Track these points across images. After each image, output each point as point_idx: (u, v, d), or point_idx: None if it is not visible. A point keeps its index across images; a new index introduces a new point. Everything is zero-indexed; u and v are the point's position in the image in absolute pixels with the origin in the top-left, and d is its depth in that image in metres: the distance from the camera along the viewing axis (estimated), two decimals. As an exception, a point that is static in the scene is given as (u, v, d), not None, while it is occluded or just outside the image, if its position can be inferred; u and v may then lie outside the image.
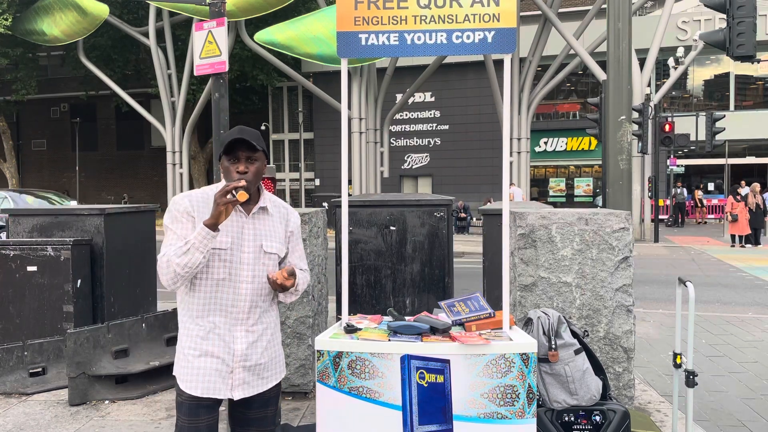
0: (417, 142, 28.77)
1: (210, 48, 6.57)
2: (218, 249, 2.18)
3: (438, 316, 2.73)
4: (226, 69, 6.56)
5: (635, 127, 16.19)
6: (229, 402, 2.31)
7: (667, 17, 18.85)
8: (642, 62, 18.59)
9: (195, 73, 6.84)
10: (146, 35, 24.20)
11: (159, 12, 23.86)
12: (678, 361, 3.53)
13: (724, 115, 18.71)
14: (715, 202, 26.44)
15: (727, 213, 16.93)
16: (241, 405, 2.29)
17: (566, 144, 27.88)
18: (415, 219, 4.47)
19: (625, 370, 3.79)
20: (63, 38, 23.72)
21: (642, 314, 7.48)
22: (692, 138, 19.85)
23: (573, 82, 28.26)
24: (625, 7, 11.35)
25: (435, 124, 28.50)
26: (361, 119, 22.67)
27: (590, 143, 26.81)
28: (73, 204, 27.32)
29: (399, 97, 24.93)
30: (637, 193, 18.35)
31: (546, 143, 28.12)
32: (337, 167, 26.54)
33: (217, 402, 2.26)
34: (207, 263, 2.18)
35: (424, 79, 22.76)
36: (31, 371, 4.63)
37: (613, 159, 11.32)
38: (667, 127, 18.06)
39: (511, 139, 14.35)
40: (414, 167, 28.88)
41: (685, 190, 25.46)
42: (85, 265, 5.14)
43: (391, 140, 27.54)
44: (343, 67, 2.83)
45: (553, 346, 2.97)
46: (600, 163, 19.47)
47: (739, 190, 17.89)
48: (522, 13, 23.95)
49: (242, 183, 2.12)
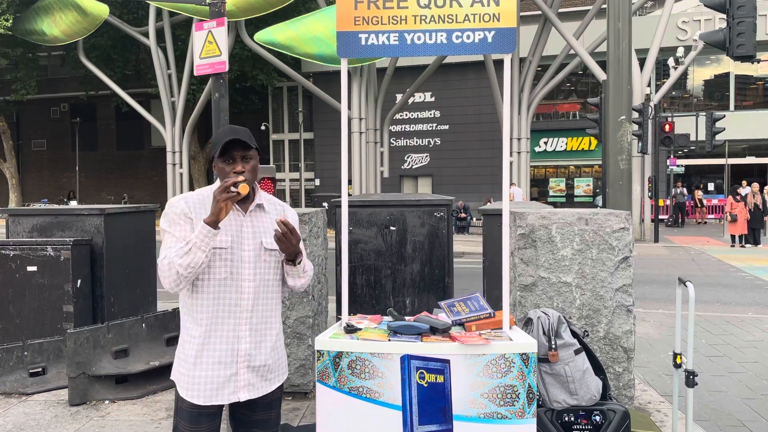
0: (417, 142, 28.77)
1: (210, 48, 6.57)
2: (219, 248, 2.17)
3: (438, 316, 2.73)
4: (226, 69, 6.56)
5: (635, 127, 16.19)
6: (232, 403, 2.28)
7: (667, 17, 18.86)
8: (642, 62, 18.59)
9: (195, 73, 6.84)
10: (146, 35, 24.20)
11: (159, 12, 23.86)
12: (678, 361, 3.53)
13: (724, 115, 18.72)
14: (715, 202, 26.45)
15: (726, 213, 16.93)
16: (245, 407, 2.27)
17: (566, 144, 27.88)
18: (415, 219, 4.47)
19: (625, 370, 3.79)
20: (63, 38, 23.73)
21: (642, 314, 7.48)
22: (692, 138, 19.85)
23: (573, 82, 28.27)
24: (625, 7, 11.34)
25: (435, 124, 28.50)
26: (361, 119, 22.67)
27: (590, 143, 26.82)
28: (74, 204, 27.25)
29: (399, 97, 24.94)
30: (637, 193, 18.35)
31: (546, 143, 28.12)
32: (337, 167, 26.53)
33: (219, 408, 2.23)
34: (208, 264, 2.16)
35: (424, 79, 22.77)
36: (31, 371, 4.63)
37: (613, 159, 11.31)
38: (667, 127, 18.07)
39: (511, 139, 14.35)
40: (414, 167, 28.88)
41: (685, 189, 25.47)
42: (85, 265, 5.14)
43: (391, 140, 27.54)
44: (343, 67, 2.83)
45: (553, 346, 2.97)
46: (600, 163, 19.48)
47: (739, 190, 17.89)
48: (522, 13, 23.95)
49: (241, 177, 2.11)
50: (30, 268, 4.98)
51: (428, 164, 28.65)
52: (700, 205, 25.85)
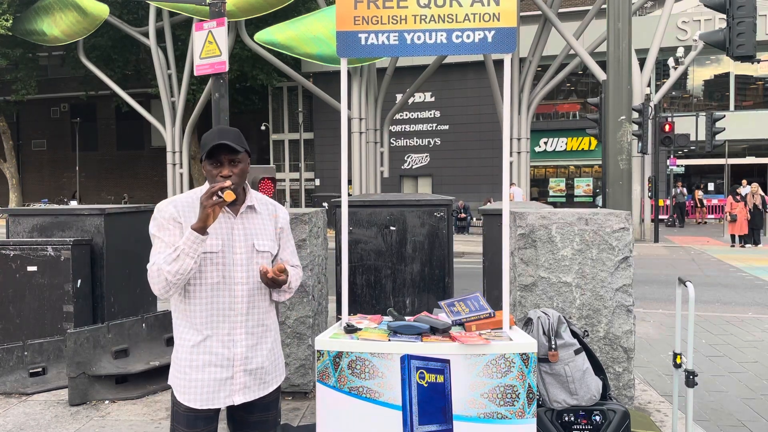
0: (417, 142, 28.78)
1: (210, 48, 6.57)
2: (209, 252, 2.13)
3: (438, 316, 2.73)
4: (226, 69, 6.56)
5: (635, 127, 16.19)
6: (229, 406, 2.27)
7: (667, 17, 18.86)
8: (642, 62, 18.59)
9: (195, 73, 6.84)
10: (146, 35, 24.21)
11: (159, 12, 23.87)
12: (678, 361, 3.53)
13: (724, 115, 18.72)
14: (715, 202, 26.45)
15: (726, 213, 16.93)
16: (242, 409, 2.25)
17: (566, 144, 27.88)
18: (415, 219, 4.47)
19: (625, 370, 3.79)
20: (63, 38, 23.73)
21: (642, 314, 7.48)
22: (692, 138, 19.85)
23: (573, 82, 28.27)
24: (625, 7, 11.34)
25: (435, 124, 28.51)
26: (361, 119, 22.67)
27: (590, 143, 26.82)
28: (74, 204, 27.26)
29: (399, 97, 24.94)
30: (637, 193, 18.35)
31: (546, 143, 28.12)
32: (337, 167, 26.54)
33: (216, 411, 2.22)
34: (200, 268, 2.12)
35: (424, 79, 22.77)
36: (31, 371, 4.63)
37: (613, 159, 11.32)
38: (667, 127, 18.07)
39: (511, 139, 14.35)
40: (414, 167, 28.89)
41: (684, 190, 25.47)
42: (85, 265, 5.15)
43: (391, 140, 27.54)
44: (343, 67, 2.83)
45: (553, 346, 2.97)
46: (600, 163, 19.48)
47: (739, 190, 17.89)
48: (522, 13, 23.96)
49: (228, 183, 2.07)
50: (30, 268, 4.98)
51: (428, 164, 28.65)
52: (700, 205, 25.85)
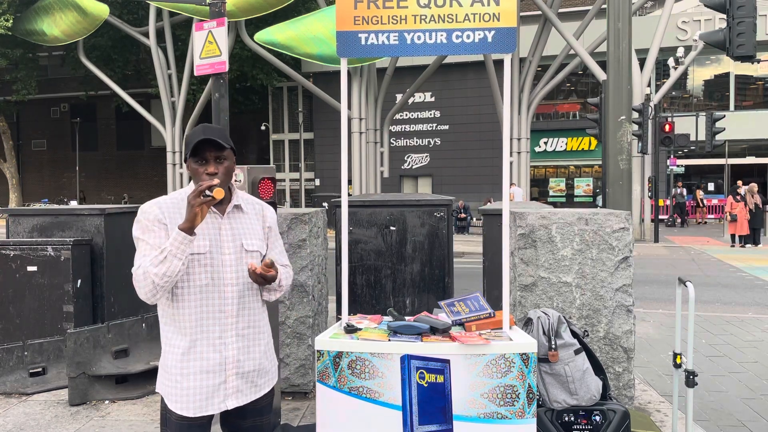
0: (417, 142, 28.78)
1: (210, 48, 6.57)
2: (197, 254, 2.06)
3: (438, 316, 2.73)
4: (226, 69, 6.56)
5: (635, 127, 16.19)
6: (222, 412, 2.20)
7: (667, 17, 18.86)
8: (642, 62, 18.59)
9: (195, 73, 6.84)
10: (146, 35, 24.22)
11: (159, 12, 23.87)
12: (678, 361, 3.53)
13: (724, 115, 18.71)
14: (715, 202, 26.44)
15: (726, 213, 16.93)
16: (235, 415, 2.19)
17: (566, 144, 27.89)
18: (415, 219, 4.47)
19: (625, 370, 3.79)
20: (63, 38, 23.74)
21: (642, 314, 7.48)
22: (692, 138, 19.85)
23: (573, 82, 28.27)
24: (625, 7, 11.34)
25: (435, 124, 28.51)
26: (361, 119, 22.68)
27: (590, 143, 26.82)
28: (74, 204, 27.26)
29: (399, 97, 24.94)
30: (637, 193, 18.35)
31: (546, 143, 28.12)
32: (337, 167, 26.53)
33: (209, 418, 2.15)
34: (187, 270, 2.05)
35: (424, 79, 22.77)
36: (31, 371, 4.63)
37: (613, 159, 11.31)
38: (667, 127, 18.07)
39: (511, 139, 14.35)
40: (414, 167, 28.89)
41: (684, 190, 25.47)
42: (85, 265, 5.14)
43: (391, 140, 27.55)
44: (343, 67, 2.83)
45: (553, 346, 2.97)
46: (600, 163, 19.48)
47: (739, 190, 17.89)
48: (522, 13, 23.96)
49: (216, 181, 2.00)
50: (30, 268, 4.98)
51: (428, 164, 28.65)
52: (701, 205, 25.86)
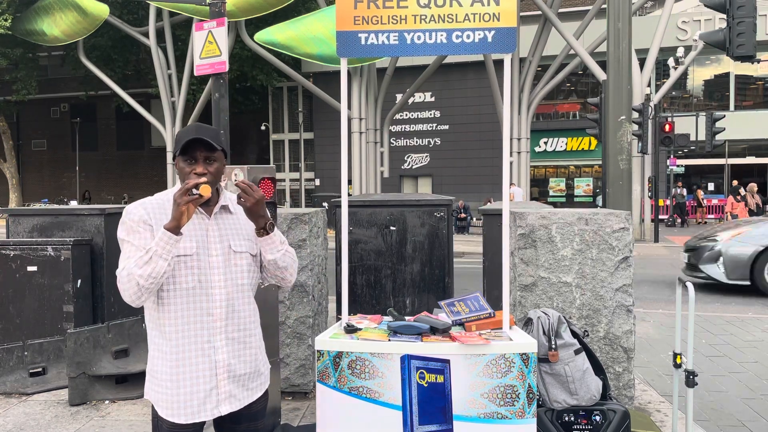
0: (417, 142, 28.78)
1: (210, 48, 6.57)
2: (183, 255, 2.00)
3: (438, 316, 2.73)
4: (226, 69, 6.56)
5: (635, 127, 16.19)
6: (216, 419, 2.15)
7: (667, 17, 18.86)
8: (642, 62, 18.59)
9: (195, 73, 6.85)
10: (146, 35, 24.21)
11: (159, 12, 23.87)
12: (678, 361, 3.52)
13: (724, 115, 18.71)
14: (715, 202, 26.45)
15: (727, 213, 16.93)
16: (229, 420, 2.14)
17: (566, 144, 27.89)
18: (415, 219, 4.47)
19: (625, 370, 3.79)
20: (63, 38, 23.74)
21: (642, 314, 7.48)
22: (692, 138, 19.84)
23: (573, 82, 28.27)
24: (625, 7, 11.34)
25: (435, 124, 28.52)
26: (361, 119, 22.68)
27: (590, 143, 26.83)
28: (74, 204, 27.28)
29: (399, 97, 24.94)
30: (637, 193, 18.34)
31: (546, 143, 28.13)
32: (337, 167, 26.52)
33: (201, 425, 2.10)
34: (173, 273, 2.00)
35: (424, 79, 22.77)
36: (31, 371, 4.63)
37: (613, 159, 11.31)
38: (667, 127, 18.06)
39: (511, 139, 14.36)
40: (414, 167, 28.89)
41: (685, 190, 25.46)
42: (85, 265, 5.14)
43: (391, 140, 27.55)
44: (343, 67, 2.83)
45: (553, 346, 2.97)
46: (600, 163, 19.47)
47: (740, 190, 17.90)
48: (522, 13, 23.96)
49: (203, 179, 1.95)
50: (30, 268, 4.97)
51: (428, 164, 28.65)
52: (701, 205, 25.86)
